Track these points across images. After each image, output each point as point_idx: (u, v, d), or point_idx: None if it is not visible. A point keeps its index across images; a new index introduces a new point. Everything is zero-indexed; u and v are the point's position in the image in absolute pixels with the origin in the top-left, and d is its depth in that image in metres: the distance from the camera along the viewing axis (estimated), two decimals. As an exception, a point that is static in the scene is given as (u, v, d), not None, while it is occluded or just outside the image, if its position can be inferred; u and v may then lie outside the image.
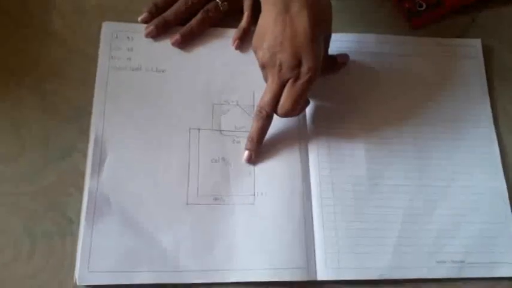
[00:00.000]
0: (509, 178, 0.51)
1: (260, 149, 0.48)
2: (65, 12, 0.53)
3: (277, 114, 0.46)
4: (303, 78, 0.43)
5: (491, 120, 0.53)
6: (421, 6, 0.56)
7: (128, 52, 0.51)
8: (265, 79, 0.46)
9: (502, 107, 0.54)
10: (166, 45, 0.51)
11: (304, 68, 0.43)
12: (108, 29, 0.51)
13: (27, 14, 0.52)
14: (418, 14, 0.56)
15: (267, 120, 0.46)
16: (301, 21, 0.42)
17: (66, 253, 0.43)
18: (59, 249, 0.43)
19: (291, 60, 0.43)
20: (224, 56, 0.52)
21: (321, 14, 0.43)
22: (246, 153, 0.48)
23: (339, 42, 0.53)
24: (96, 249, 0.43)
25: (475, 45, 0.56)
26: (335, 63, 0.52)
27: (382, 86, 0.53)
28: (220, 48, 0.52)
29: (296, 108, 0.45)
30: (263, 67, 0.45)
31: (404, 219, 0.48)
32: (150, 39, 0.52)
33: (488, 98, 0.54)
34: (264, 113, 0.46)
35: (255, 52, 0.46)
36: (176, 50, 0.52)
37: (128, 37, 0.51)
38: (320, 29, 0.44)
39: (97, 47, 0.51)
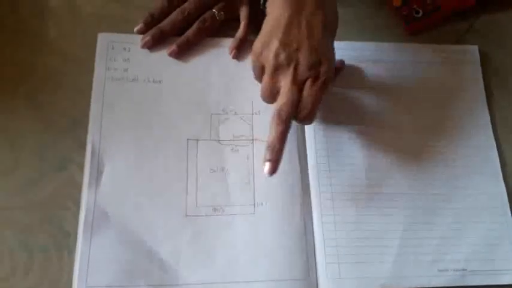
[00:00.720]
0: (508, 184, 0.50)
1: (281, 157, 0.42)
2: (61, 22, 0.52)
3: (296, 118, 0.43)
4: (322, 77, 0.41)
5: (489, 126, 0.53)
6: (418, 12, 0.56)
7: (124, 63, 0.50)
8: (268, 83, 0.42)
9: (500, 113, 0.54)
10: (162, 56, 0.51)
11: (324, 68, 0.41)
12: (104, 40, 0.51)
13: (22, 23, 0.52)
14: (415, 21, 0.56)
15: (288, 124, 0.42)
16: (317, 23, 0.41)
17: (63, 268, 0.43)
18: (56, 264, 0.43)
19: (310, 58, 0.41)
20: (221, 65, 0.52)
21: (332, 18, 0.43)
22: (268, 165, 0.41)
23: (336, 50, 0.53)
24: (95, 264, 0.42)
25: (472, 52, 0.56)
26: None
27: (380, 93, 0.53)
28: (217, 58, 0.52)
29: (316, 110, 0.43)
30: (276, 68, 0.41)
31: (405, 227, 0.47)
32: (147, 50, 0.51)
33: (486, 104, 0.54)
34: (285, 114, 0.41)
35: (260, 54, 0.42)
36: (173, 61, 0.51)
37: (124, 48, 0.51)
38: (333, 32, 0.43)
39: (93, 56, 0.50)
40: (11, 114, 0.48)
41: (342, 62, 0.52)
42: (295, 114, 0.42)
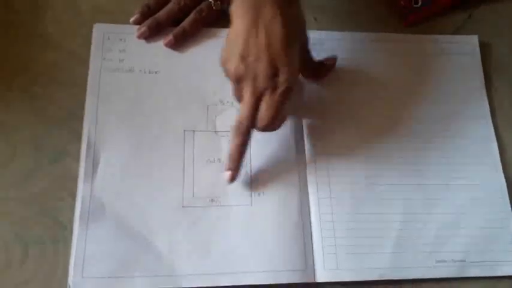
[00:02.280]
0: (508, 174, 0.50)
1: (241, 166, 0.45)
2: (57, 14, 0.52)
3: (256, 128, 0.43)
4: (281, 87, 0.41)
5: (489, 116, 0.53)
6: (416, 3, 0.56)
7: (120, 54, 0.50)
8: (236, 94, 0.44)
9: (500, 103, 0.54)
10: (159, 47, 0.51)
11: (282, 78, 0.41)
12: (99, 30, 0.51)
13: (17, 16, 0.51)
14: (414, 11, 0.56)
15: (247, 136, 0.44)
16: (276, 29, 0.40)
17: (59, 259, 0.42)
18: (52, 256, 0.42)
19: (268, 69, 0.41)
20: (218, 56, 0.51)
21: (294, 20, 0.42)
22: (228, 174, 0.44)
23: (333, 41, 0.52)
24: (90, 255, 0.42)
25: (471, 42, 0.56)
26: (322, 67, 0.51)
27: (378, 84, 0.53)
28: (213, 49, 0.51)
29: (276, 121, 0.43)
30: (237, 80, 0.42)
31: (403, 218, 0.47)
32: (143, 41, 0.51)
33: (486, 94, 0.54)
34: (243, 127, 0.43)
35: (225, 65, 0.43)
36: (169, 51, 0.51)
37: (120, 39, 0.51)
38: (295, 36, 0.42)
39: (89, 48, 0.50)
40: (6, 106, 0.47)
41: (332, 58, 0.51)
42: (254, 125, 0.43)
